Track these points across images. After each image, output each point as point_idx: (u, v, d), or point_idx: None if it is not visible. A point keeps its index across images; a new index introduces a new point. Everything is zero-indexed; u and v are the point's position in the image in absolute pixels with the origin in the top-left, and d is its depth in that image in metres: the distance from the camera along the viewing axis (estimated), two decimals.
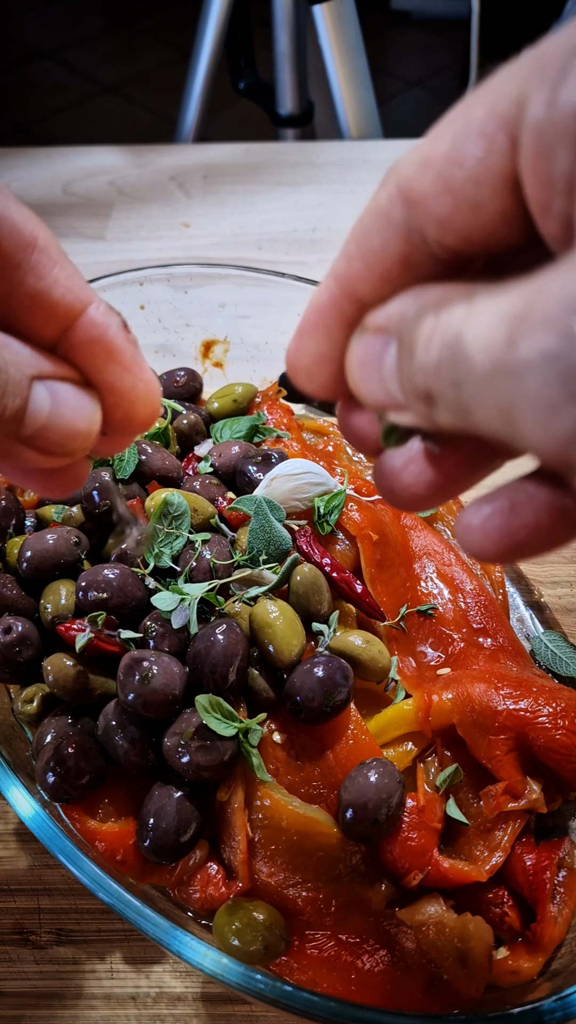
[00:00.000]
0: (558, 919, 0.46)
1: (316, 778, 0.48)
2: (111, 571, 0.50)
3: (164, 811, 0.45)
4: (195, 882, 0.46)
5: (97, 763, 0.46)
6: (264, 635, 0.48)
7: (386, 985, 0.43)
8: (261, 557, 0.52)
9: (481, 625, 0.57)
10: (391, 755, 0.50)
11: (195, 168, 1.10)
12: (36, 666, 0.50)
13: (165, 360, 0.73)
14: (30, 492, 0.62)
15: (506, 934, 0.47)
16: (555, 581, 0.67)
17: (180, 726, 0.45)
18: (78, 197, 1.06)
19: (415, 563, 0.59)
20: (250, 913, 0.44)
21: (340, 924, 0.45)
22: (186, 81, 1.41)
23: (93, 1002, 0.48)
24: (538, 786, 0.48)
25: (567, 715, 0.49)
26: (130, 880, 0.46)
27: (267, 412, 0.67)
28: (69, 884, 0.52)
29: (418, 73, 3.14)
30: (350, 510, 0.59)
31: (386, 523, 0.59)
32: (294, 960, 0.44)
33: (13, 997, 0.48)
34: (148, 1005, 0.48)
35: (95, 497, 0.54)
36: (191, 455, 0.64)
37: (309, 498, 0.57)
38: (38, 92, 2.99)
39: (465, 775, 0.50)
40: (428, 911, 0.46)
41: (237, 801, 0.46)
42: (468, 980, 0.43)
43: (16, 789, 0.45)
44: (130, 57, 3.17)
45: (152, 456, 0.59)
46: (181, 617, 0.48)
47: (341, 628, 0.53)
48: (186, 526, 0.52)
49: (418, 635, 0.55)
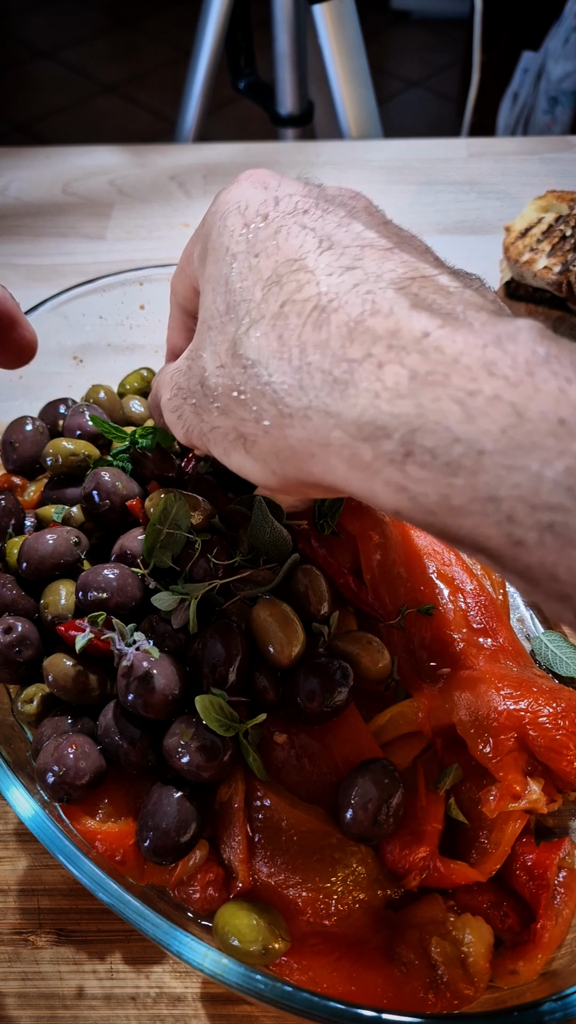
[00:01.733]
0: (558, 919, 0.46)
1: (316, 778, 0.48)
2: (111, 571, 0.50)
3: (164, 811, 0.45)
4: (195, 882, 0.46)
5: (97, 763, 0.46)
6: (264, 635, 0.48)
7: (386, 985, 0.43)
8: (261, 557, 0.52)
9: (481, 625, 0.57)
10: (391, 755, 0.50)
11: (195, 168, 1.10)
12: (36, 666, 0.50)
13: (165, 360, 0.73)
14: (30, 492, 0.62)
15: (506, 934, 0.47)
16: None
17: (180, 726, 0.45)
18: (78, 197, 1.06)
19: (415, 563, 0.59)
20: (250, 913, 0.44)
21: (340, 924, 0.45)
22: (186, 81, 1.41)
23: (93, 1002, 0.48)
24: (538, 786, 0.48)
25: (567, 715, 0.49)
26: (130, 880, 0.46)
27: None
28: (69, 884, 0.52)
29: (418, 73, 3.14)
30: (350, 510, 0.59)
31: (386, 523, 0.59)
32: (294, 960, 0.44)
33: (13, 997, 0.48)
34: (148, 1005, 0.48)
35: (95, 497, 0.54)
36: (191, 455, 0.64)
37: (309, 498, 0.57)
38: (38, 92, 2.99)
39: (465, 775, 0.50)
40: (428, 911, 0.46)
41: (237, 801, 0.46)
42: (468, 980, 0.43)
43: (16, 789, 0.45)
44: (130, 57, 3.17)
45: (152, 456, 0.59)
46: (181, 617, 0.48)
47: (341, 628, 0.53)
48: (186, 526, 0.51)
49: (418, 635, 0.55)
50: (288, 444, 0.33)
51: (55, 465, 0.58)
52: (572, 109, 2.15)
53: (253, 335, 0.34)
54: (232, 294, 0.36)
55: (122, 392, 0.71)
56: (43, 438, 0.62)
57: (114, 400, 0.66)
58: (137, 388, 0.71)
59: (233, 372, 0.35)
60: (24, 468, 0.62)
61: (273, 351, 0.33)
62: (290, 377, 0.32)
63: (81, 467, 0.58)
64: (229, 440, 0.37)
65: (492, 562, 0.28)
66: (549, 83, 2.12)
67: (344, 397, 0.30)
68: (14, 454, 0.61)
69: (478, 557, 0.29)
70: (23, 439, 0.61)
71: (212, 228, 0.39)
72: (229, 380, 0.36)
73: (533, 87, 2.18)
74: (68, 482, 0.59)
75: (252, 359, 0.34)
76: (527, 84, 2.19)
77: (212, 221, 0.40)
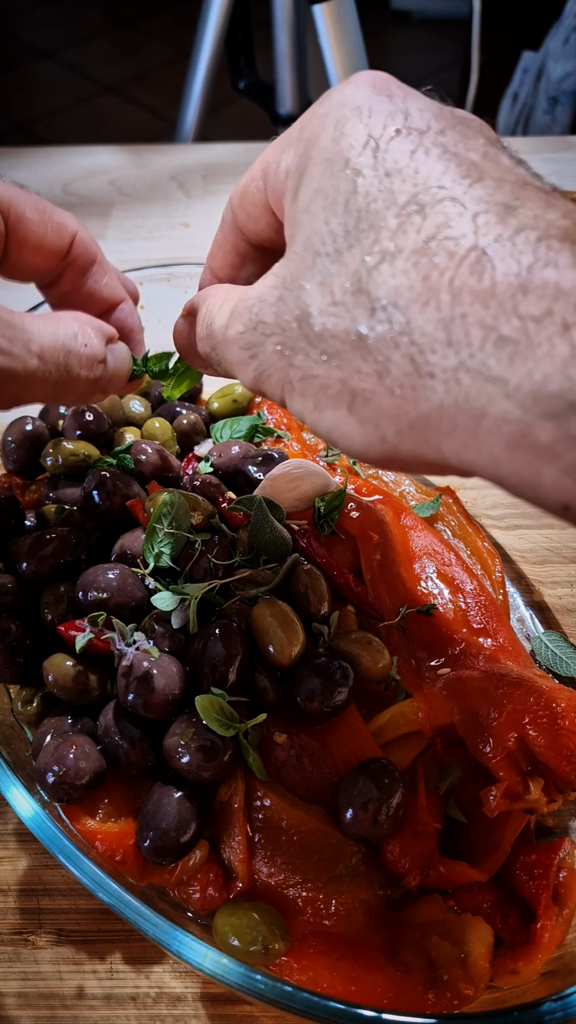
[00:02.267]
0: (558, 919, 0.46)
1: (316, 778, 0.48)
2: (111, 571, 0.50)
3: (164, 811, 0.45)
4: (195, 882, 0.46)
5: (97, 763, 0.46)
6: (264, 635, 0.48)
7: (386, 985, 0.43)
8: (261, 557, 0.52)
9: (481, 625, 0.57)
10: (391, 755, 0.50)
11: (195, 168, 1.10)
12: (36, 666, 0.50)
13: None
14: (30, 492, 0.62)
15: (506, 934, 0.47)
16: (555, 581, 0.67)
17: (180, 726, 0.45)
18: (78, 197, 1.06)
19: (415, 563, 0.59)
20: (250, 913, 0.44)
21: (340, 924, 0.45)
22: (186, 81, 1.41)
23: (93, 1002, 0.48)
24: (538, 786, 0.48)
25: (567, 715, 0.49)
26: (130, 880, 0.46)
27: (267, 412, 0.67)
28: (69, 884, 0.52)
29: (418, 73, 3.14)
30: (350, 510, 0.59)
31: (386, 523, 0.59)
32: (294, 960, 0.44)
33: (13, 997, 0.48)
34: (148, 1005, 0.48)
35: (95, 497, 0.54)
36: (191, 455, 0.64)
37: (309, 498, 0.57)
38: (38, 92, 2.99)
39: (465, 775, 0.50)
40: (428, 911, 0.46)
41: (237, 801, 0.46)
42: (468, 980, 0.43)
43: (16, 789, 0.45)
44: (130, 57, 3.17)
45: (152, 456, 0.59)
46: (181, 617, 0.48)
47: (341, 628, 0.53)
48: (186, 526, 0.51)
49: (418, 635, 0.55)
50: (419, 410, 0.28)
51: (55, 465, 0.58)
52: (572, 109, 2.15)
53: (386, 271, 0.29)
54: (355, 217, 0.30)
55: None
56: (43, 438, 0.62)
57: (114, 400, 0.66)
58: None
59: (355, 313, 0.29)
60: (24, 468, 0.62)
61: (415, 294, 0.28)
62: (436, 328, 0.27)
63: (81, 467, 0.58)
64: (328, 394, 0.31)
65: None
66: (549, 83, 2.12)
67: (515, 361, 0.25)
68: (14, 454, 0.61)
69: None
70: (23, 439, 0.61)
71: (320, 134, 0.33)
72: (347, 322, 0.30)
73: (533, 87, 2.18)
74: (68, 482, 0.59)
75: (384, 300, 0.29)
76: (527, 84, 2.19)
77: (319, 125, 0.33)
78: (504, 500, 0.72)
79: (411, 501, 0.66)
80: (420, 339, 0.27)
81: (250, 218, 0.40)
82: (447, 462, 0.28)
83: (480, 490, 0.73)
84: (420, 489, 0.68)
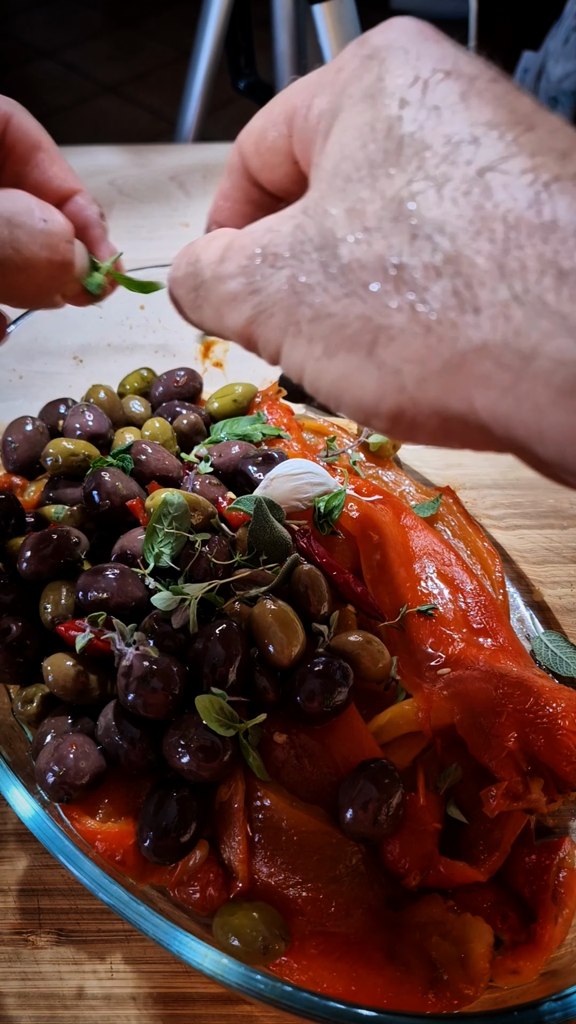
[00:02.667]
0: (558, 919, 0.46)
1: (316, 778, 0.48)
2: (111, 571, 0.50)
3: (164, 811, 0.45)
4: (195, 882, 0.46)
5: (97, 763, 0.46)
6: (264, 635, 0.48)
7: (386, 985, 0.43)
8: (261, 557, 0.52)
9: (481, 625, 0.57)
10: (391, 755, 0.50)
11: (195, 168, 1.10)
12: (36, 666, 0.50)
13: (165, 360, 0.73)
14: (30, 492, 0.62)
15: (506, 934, 0.47)
16: (555, 581, 0.67)
17: (180, 726, 0.45)
18: None
19: (415, 563, 0.59)
20: (250, 913, 0.44)
21: (340, 924, 0.45)
22: (186, 81, 1.42)
23: (93, 1002, 0.48)
24: (538, 786, 0.48)
25: (567, 715, 0.49)
26: (130, 880, 0.46)
27: (267, 412, 0.67)
28: (69, 884, 0.52)
29: None
30: (350, 510, 0.59)
31: (386, 523, 0.59)
32: (294, 960, 0.44)
33: (13, 997, 0.48)
34: (148, 1005, 0.48)
35: (95, 497, 0.54)
36: None
37: (309, 498, 0.57)
38: (38, 92, 2.98)
39: (465, 775, 0.50)
40: (428, 911, 0.46)
41: (237, 801, 0.46)
42: (468, 980, 0.43)
43: (16, 789, 0.45)
44: (130, 57, 3.17)
45: (152, 456, 0.59)
46: (181, 617, 0.48)
47: (341, 628, 0.53)
48: (186, 526, 0.51)
49: (418, 635, 0.55)
50: (455, 349, 0.25)
51: (55, 465, 0.58)
52: (572, 109, 2.15)
53: (432, 197, 0.26)
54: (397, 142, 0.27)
55: (122, 392, 0.71)
56: (43, 438, 0.62)
57: (114, 400, 0.66)
58: (137, 388, 0.71)
59: (392, 240, 0.26)
60: (24, 468, 0.62)
61: (465, 222, 0.25)
62: (487, 260, 0.25)
63: (81, 467, 0.58)
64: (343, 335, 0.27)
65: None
66: (549, 83, 2.12)
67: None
68: (14, 454, 0.61)
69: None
70: (23, 439, 0.61)
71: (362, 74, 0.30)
72: (381, 249, 0.26)
73: (533, 87, 2.18)
74: (68, 482, 0.59)
75: (430, 226, 0.26)
76: (527, 84, 2.19)
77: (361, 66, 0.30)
78: (504, 500, 0.72)
79: (411, 501, 0.66)
80: (468, 270, 0.25)
81: (267, 166, 0.36)
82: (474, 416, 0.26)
83: (480, 490, 0.73)
84: (420, 489, 0.68)
